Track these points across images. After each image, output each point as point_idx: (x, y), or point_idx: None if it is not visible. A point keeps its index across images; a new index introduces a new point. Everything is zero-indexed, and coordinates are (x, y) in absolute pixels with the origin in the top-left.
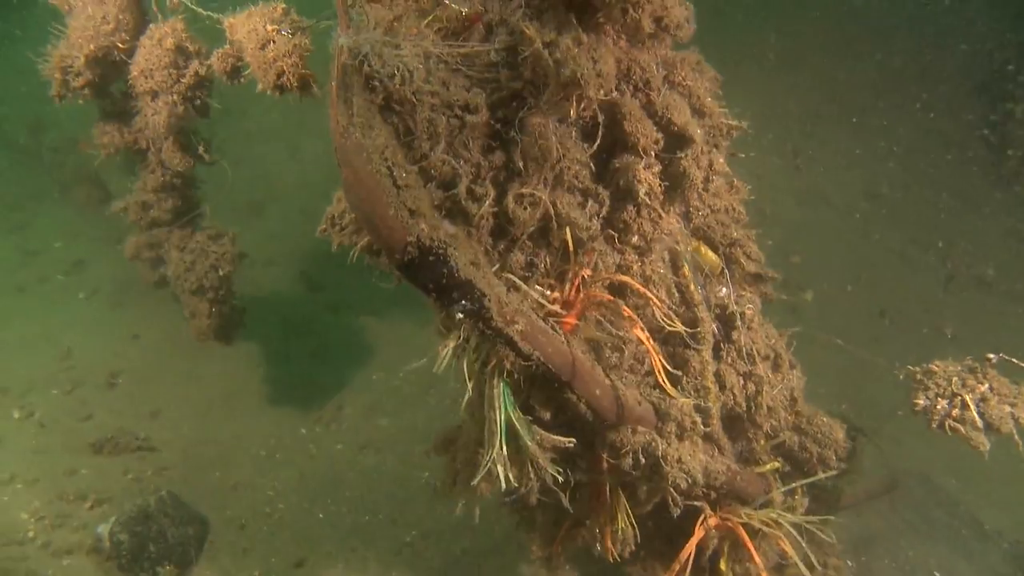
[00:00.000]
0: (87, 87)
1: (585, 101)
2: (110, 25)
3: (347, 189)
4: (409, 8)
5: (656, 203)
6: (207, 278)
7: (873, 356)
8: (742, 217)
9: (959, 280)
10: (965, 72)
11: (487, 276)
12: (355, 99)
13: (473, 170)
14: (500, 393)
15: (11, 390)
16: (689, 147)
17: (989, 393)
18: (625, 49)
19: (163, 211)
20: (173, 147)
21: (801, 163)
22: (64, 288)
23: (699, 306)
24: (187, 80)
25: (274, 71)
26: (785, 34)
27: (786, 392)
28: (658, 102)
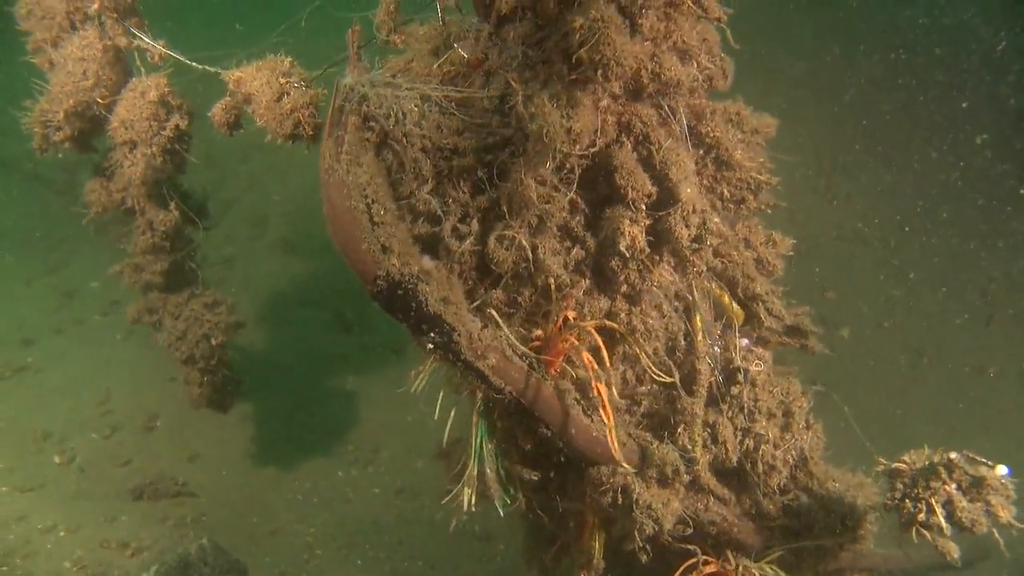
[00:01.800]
0: (67, 141)
1: (560, 155)
2: (90, 81)
3: (328, 221)
4: (424, 50)
5: (641, 256)
6: (198, 348)
7: (865, 439)
8: (776, 271)
9: (999, 318)
10: (1004, 107)
11: (458, 312)
12: (346, 136)
13: (461, 209)
14: (476, 422)
15: (53, 434)
16: (675, 206)
17: (957, 494)
18: (625, 103)
19: (154, 274)
20: (153, 205)
21: (834, 197)
22: (101, 329)
23: (701, 358)
24: (167, 132)
25: (291, 121)
26: (816, 66)
27: (794, 452)
28: (657, 157)
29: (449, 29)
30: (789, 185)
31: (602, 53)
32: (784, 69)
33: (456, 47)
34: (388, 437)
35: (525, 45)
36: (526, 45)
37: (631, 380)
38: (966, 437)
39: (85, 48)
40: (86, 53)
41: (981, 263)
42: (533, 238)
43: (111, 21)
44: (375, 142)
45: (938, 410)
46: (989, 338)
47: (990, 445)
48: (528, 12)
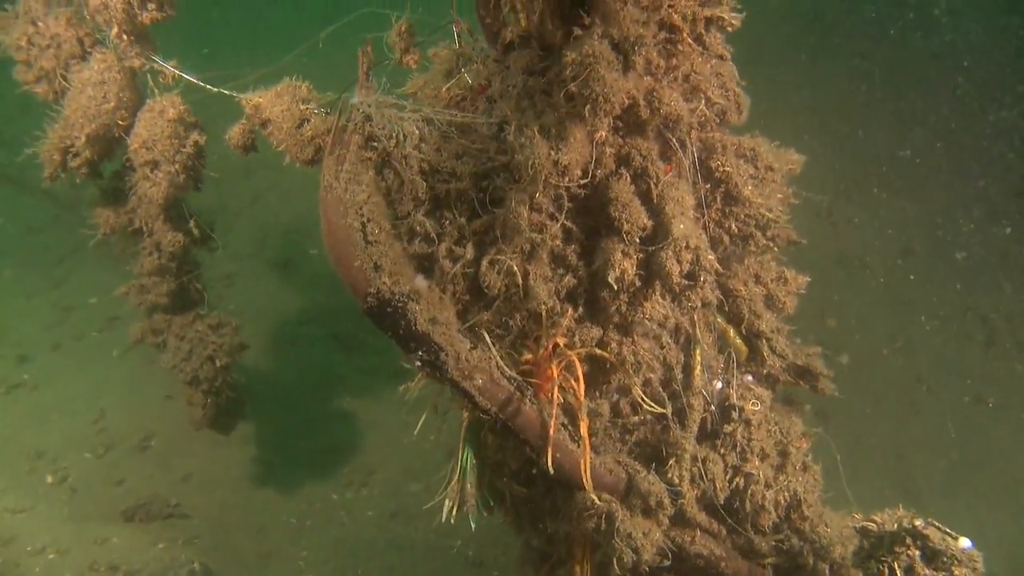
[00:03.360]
0: (85, 166)
1: (550, 186)
2: (111, 103)
3: (323, 237)
4: (439, 71)
5: (631, 289)
6: (202, 369)
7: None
8: (787, 309)
9: (999, 346)
10: (1006, 133)
11: (447, 332)
12: (347, 155)
13: (457, 231)
14: (463, 440)
15: (46, 453)
16: (665, 241)
17: (920, 561)
18: (625, 136)
19: (160, 295)
20: (164, 225)
21: (835, 222)
22: (99, 345)
23: (695, 394)
24: (188, 150)
25: (312, 148)
26: (819, 90)
27: (786, 494)
28: (655, 191)
29: (462, 52)
30: (790, 208)
31: (591, 88)
32: (787, 94)
33: (463, 71)
34: (384, 459)
35: (527, 74)
36: (528, 74)
37: (624, 409)
38: (966, 470)
39: (104, 71)
40: (106, 76)
41: (982, 291)
42: (525, 264)
43: (126, 43)
44: (376, 162)
45: (938, 440)
46: (989, 367)
47: (990, 479)
48: (532, 41)
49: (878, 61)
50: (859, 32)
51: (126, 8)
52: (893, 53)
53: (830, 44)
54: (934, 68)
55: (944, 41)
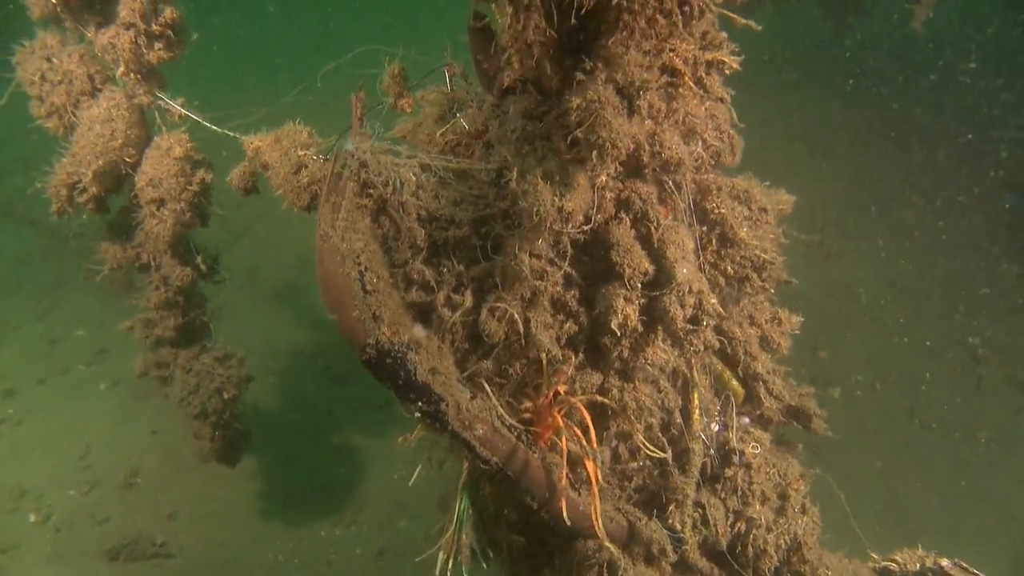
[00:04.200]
0: (92, 202)
1: (553, 233)
2: (119, 141)
3: (320, 286)
4: (431, 114)
5: (634, 335)
6: (210, 402)
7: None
8: (782, 350)
9: (990, 380)
10: (996, 165)
11: (447, 382)
12: (343, 203)
13: (455, 279)
14: (460, 490)
15: (29, 491)
16: (669, 286)
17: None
18: (625, 180)
19: (167, 329)
20: (172, 260)
21: (827, 253)
22: (86, 379)
23: (695, 438)
24: (194, 187)
25: (308, 194)
26: (812, 121)
27: (787, 538)
28: (656, 235)
29: (455, 96)
30: (782, 240)
31: (598, 134)
32: (779, 125)
33: (458, 116)
34: (373, 495)
35: (525, 119)
36: (526, 119)
37: (624, 455)
38: (958, 506)
39: (113, 108)
40: (114, 113)
41: (972, 325)
42: (526, 311)
43: (134, 81)
44: (372, 209)
45: (930, 476)
46: (980, 402)
47: (983, 516)
48: (530, 86)
49: (872, 95)
50: (852, 68)
51: (132, 47)
52: (887, 89)
53: (823, 78)
54: (927, 101)
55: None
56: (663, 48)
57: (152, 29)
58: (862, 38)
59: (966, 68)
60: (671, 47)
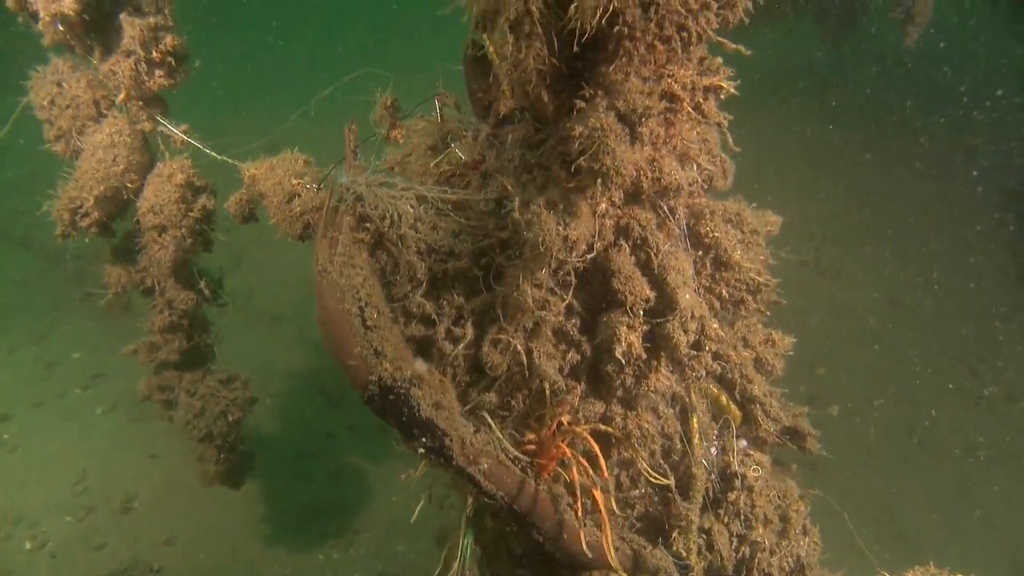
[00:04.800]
0: (95, 226)
1: (557, 262)
2: (120, 166)
3: (319, 323)
4: (421, 145)
5: (637, 363)
6: (216, 425)
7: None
8: (776, 372)
9: (990, 397)
10: (993, 181)
11: (451, 417)
12: (340, 237)
13: (455, 312)
14: (465, 525)
15: (25, 518)
16: (673, 312)
17: None
18: (623, 206)
19: (171, 352)
20: (176, 285)
21: (824, 270)
22: (82, 403)
23: (697, 463)
24: (195, 214)
25: (300, 224)
26: (809, 137)
27: (790, 560)
28: (656, 261)
29: (447, 127)
30: (778, 257)
31: (602, 162)
32: (774, 143)
33: (453, 147)
34: (370, 517)
35: (523, 148)
36: (524, 148)
37: (625, 483)
38: (958, 524)
39: (115, 134)
40: (116, 139)
41: (970, 341)
42: (528, 342)
43: (136, 107)
44: (369, 243)
45: (929, 493)
46: (979, 419)
47: (983, 535)
48: (526, 114)
49: (867, 112)
50: (848, 86)
51: (133, 74)
52: (885, 101)
53: (819, 96)
54: (922, 118)
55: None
56: (662, 74)
57: (152, 56)
58: (857, 56)
59: (963, 85)
60: (669, 73)
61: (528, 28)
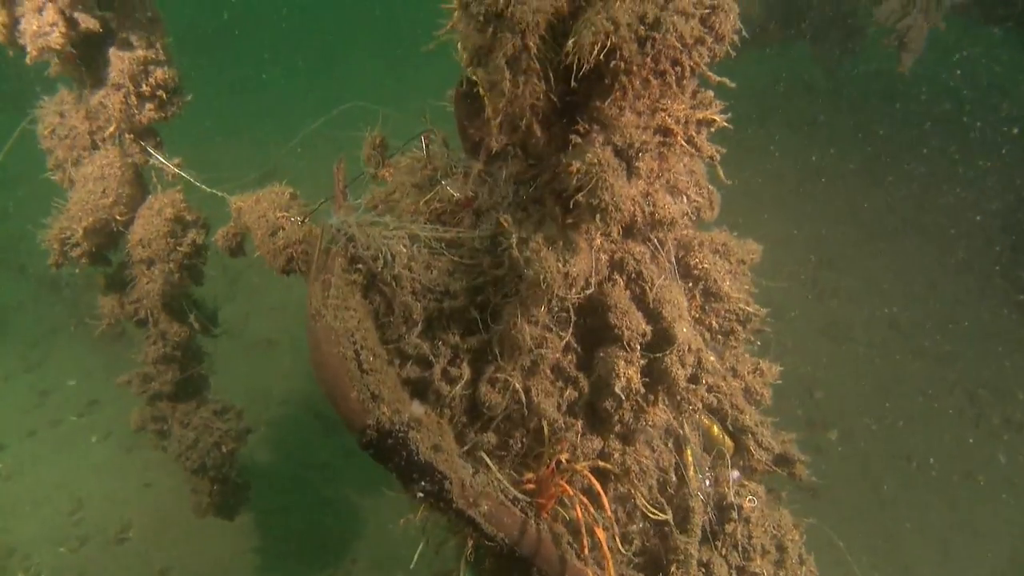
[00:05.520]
0: (85, 257)
1: (556, 299)
2: (109, 199)
3: (314, 367)
4: (407, 183)
5: (636, 397)
6: (209, 456)
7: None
8: (765, 401)
9: (988, 422)
10: (991, 203)
11: (450, 459)
12: (333, 279)
13: (451, 352)
14: (463, 567)
15: (18, 550)
16: (670, 347)
17: None
18: (618, 241)
19: (164, 383)
20: (168, 318)
21: (821, 292)
22: (76, 431)
23: (694, 495)
24: (184, 249)
25: (284, 257)
26: (805, 159)
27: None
28: (651, 295)
29: (434, 163)
30: (777, 279)
31: (600, 198)
32: (770, 163)
33: (444, 184)
34: (366, 546)
35: (516, 184)
36: (517, 184)
37: (622, 518)
38: (957, 552)
39: (105, 167)
40: (106, 172)
41: (969, 365)
42: (526, 380)
43: (129, 140)
44: (363, 284)
45: (928, 519)
46: (978, 444)
47: (983, 564)
48: (519, 150)
49: (862, 135)
50: (843, 108)
51: (123, 107)
52: (881, 123)
53: (813, 118)
54: (916, 141)
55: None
56: (656, 108)
57: (143, 90)
58: (852, 80)
59: (958, 109)
60: (663, 107)
61: (525, 63)
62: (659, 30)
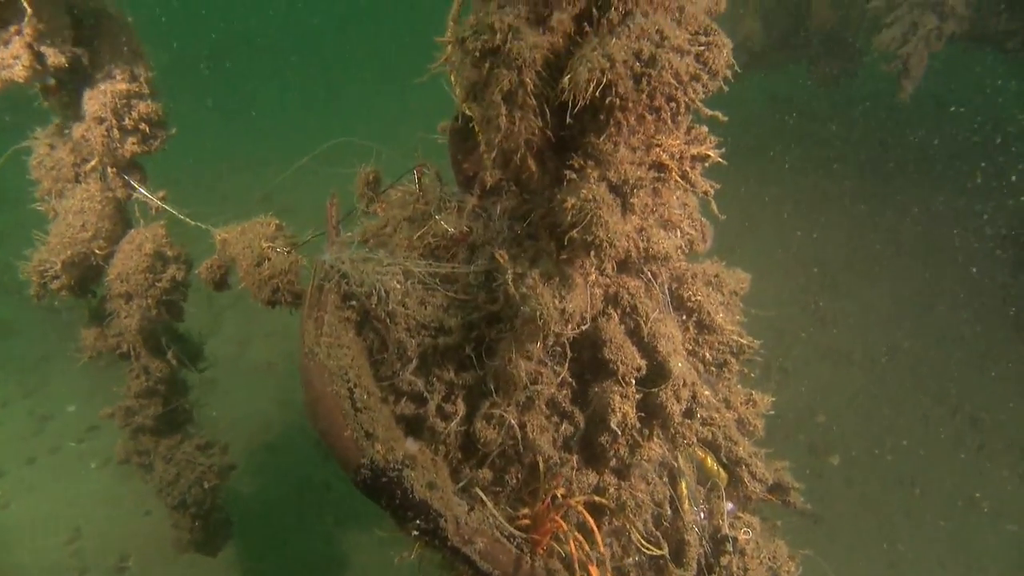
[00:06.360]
0: (64, 289)
1: (552, 335)
2: (88, 232)
3: (307, 407)
4: (398, 216)
5: (632, 432)
6: (190, 493)
7: None
8: (757, 432)
9: (990, 446)
10: (991, 227)
11: (445, 497)
12: (327, 317)
13: (445, 387)
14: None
15: None
16: (666, 381)
17: None
18: (613, 275)
19: (147, 418)
20: (149, 352)
21: (822, 317)
22: (76, 457)
23: (689, 529)
24: (162, 284)
25: (269, 288)
26: (803, 183)
27: None
28: (646, 329)
29: (427, 197)
30: (777, 303)
31: (595, 234)
32: (769, 189)
33: (438, 219)
34: (364, 574)
35: (511, 219)
36: (512, 219)
37: (618, 552)
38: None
39: (85, 200)
40: (85, 205)
41: (971, 389)
42: (521, 416)
43: (112, 174)
44: (356, 321)
45: (931, 547)
46: (981, 469)
47: None
48: (513, 185)
49: (864, 153)
50: (842, 132)
51: (105, 141)
52: (880, 146)
53: (813, 143)
54: (918, 161)
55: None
56: (651, 144)
57: (125, 124)
58: (852, 104)
59: (959, 131)
60: (658, 143)
61: (521, 99)
62: (655, 67)
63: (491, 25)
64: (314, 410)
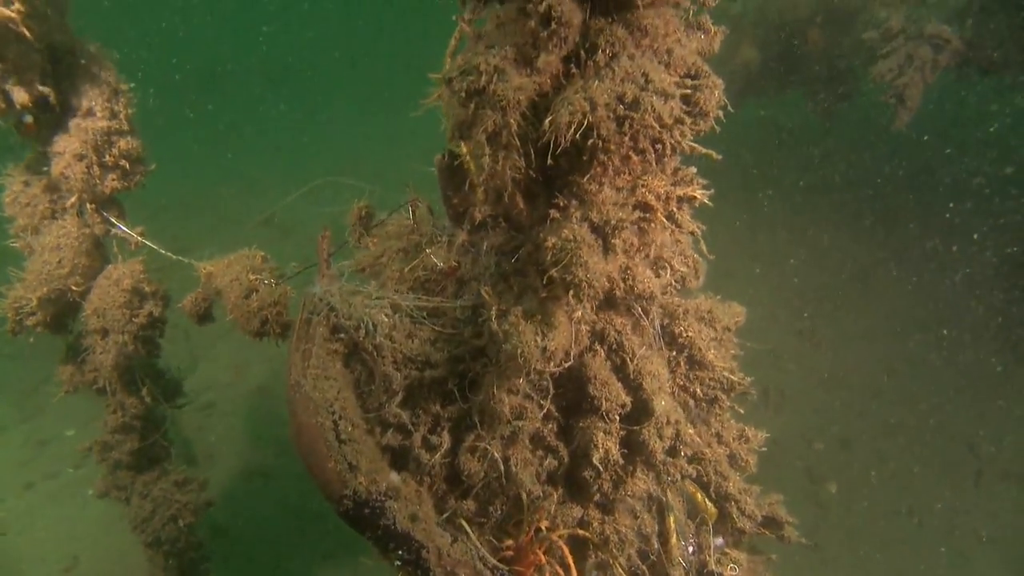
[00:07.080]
0: (40, 326)
1: (535, 373)
2: (65, 269)
3: (292, 437)
4: (393, 247)
5: (615, 468)
6: (164, 530)
7: None
8: (749, 467)
9: (989, 474)
10: (987, 250)
11: (428, 528)
12: (314, 349)
13: (431, 420)
14: None
15: None
16: (648, 419)
17: None
18: (599, 311)
19: (123, 453)
20: (124, 388)
21: (818, 343)
22: (73, 483)
23: (675, 565)
24: (139, 320)
25: (258, 319)
26: (798, 207)
27: None
28: (631, 366)
29: (421, 230)
30: (773, 328)
31: (574, 274)
32: (764, 213)
33: (428, 253)
34: None
35: (499, 255)
36: (500, 255)
37: None
38: None
39: (61, 237)
40: (62, 242)
41: (968, 414)
42: (506, 450)
43: (91, 210)
44: (344, 353)
45: (932, 573)
46: (980, 498)
47: None
48: (502, 220)
49: (860, 178)
50: (839, 155)
51: (85, 178)
52: (875, 170)
53: (809, 167)
54: (914, 186)
55: None
56: (636, 185)
57: (105, 160)
58: (847, 131)
59: (954, 156)
60: (644, 183)
61: (506, 139)
62: (637, 110)
63: (477, 66)
64: (299, 441)
